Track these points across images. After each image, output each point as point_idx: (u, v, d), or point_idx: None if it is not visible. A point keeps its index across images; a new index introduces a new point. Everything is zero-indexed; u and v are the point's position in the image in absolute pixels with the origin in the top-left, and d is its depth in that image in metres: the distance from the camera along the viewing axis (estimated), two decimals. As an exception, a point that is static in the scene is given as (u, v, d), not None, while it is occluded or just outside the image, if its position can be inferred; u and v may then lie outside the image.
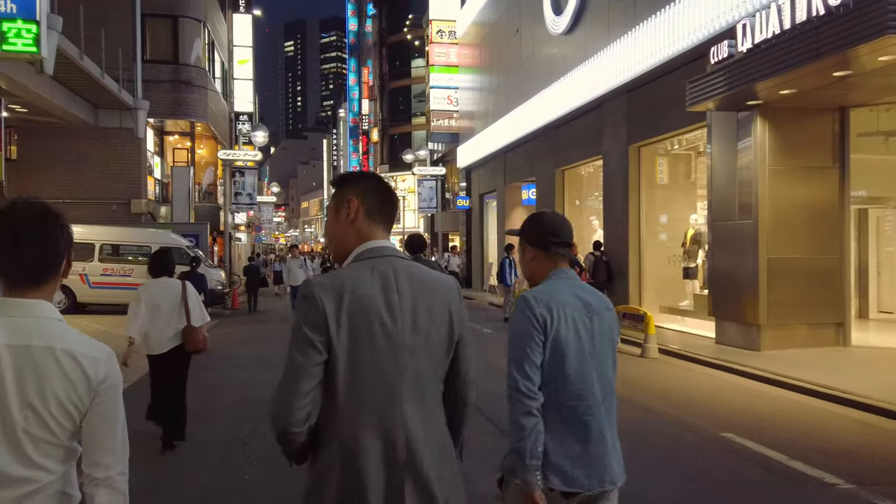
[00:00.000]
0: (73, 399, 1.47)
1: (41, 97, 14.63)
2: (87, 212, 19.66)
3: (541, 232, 2.25)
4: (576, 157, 16.32)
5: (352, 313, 1.66)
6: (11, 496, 1.43)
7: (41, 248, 1.52)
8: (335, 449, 1.68)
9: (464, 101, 27.00)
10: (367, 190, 1.81)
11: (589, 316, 2.18)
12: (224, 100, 26.74)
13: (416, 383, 1.72)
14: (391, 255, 1.76)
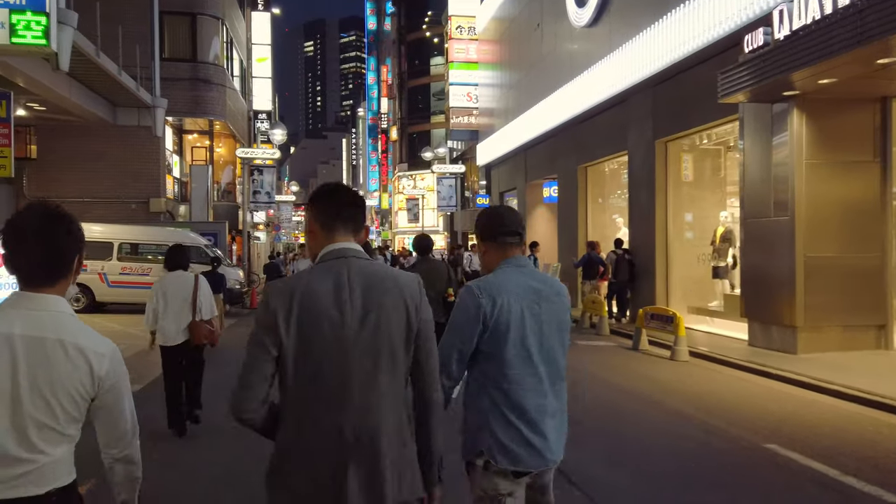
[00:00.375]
0: (79, 389, 1.63)
1: (59, 95, 14.56)
2: (106, 211, 19.66)
3: (487, 225, 2.40)
4: (599, 153, 15.90)
5: (301, 312, 1.81)
6: (10, 474, 1.58)
7: (52, 247, 1.67)
8: (290, 434, 1.85)
9: (483, 97, 26.65)
10: (317, 204, 1.97)
11: (538, 302, 2.30)
12: (243, 98, 26.66)
13: (366, 374, 1.83)
14: (348, 255, 1.90)
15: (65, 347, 1.63)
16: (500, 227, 2.38)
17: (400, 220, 51.95)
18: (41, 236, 1.66)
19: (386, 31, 58.08)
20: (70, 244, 1.71)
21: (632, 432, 5.90)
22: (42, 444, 1.61)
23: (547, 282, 2.39)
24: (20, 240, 1.66)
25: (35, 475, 1.61)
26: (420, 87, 49.61)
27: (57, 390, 1.61)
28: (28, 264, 1.67)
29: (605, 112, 15.11)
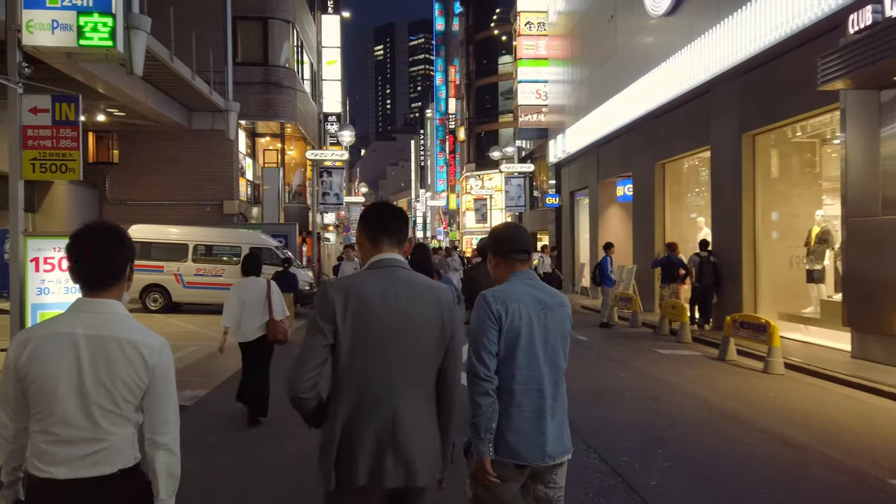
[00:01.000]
0: (134, 379, 1.89)
1: (136, 100, 14.95)
2: (182, 213, 20.19)
3: (499, 242, 2.66)
4: (678, 148, 15.02)
5: (355, 309, 2.08)
6: (86, 451, 1.87)
7: (107, 260, 1.94)
8: (339, 419, 2.11)
9: (553, 94, 25.95)
10: (365, 221, 2.27)
11: (543, 312, 2.53)
12: (313, 101, 26.96)
13: (406, 370, 2.11)
14: (393, 265, 2.19)
15: (120, 343, 1.90)
16: (509, 245, 2.64)
17: (468, 221, 51.68)
18: (99, 249, 1.94)
19: (454, 31, 57.98)
20: (123, 255, 1.98)
21: (725, 458, 5.27)
22: (107, 425, 1.88)
23: (551, 293, 2.63)
24: (82, 252, 1.94)
25: (105, 454, 1.88)
26: (488, 87, 49.19)
27: (115, 380, 1.88)
28: (89, 273, 1.95)
29: (685, 105, 14.25)
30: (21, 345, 1.93)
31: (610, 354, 10.25)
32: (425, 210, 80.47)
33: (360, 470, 2.10)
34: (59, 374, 1.88)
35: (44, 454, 1.89)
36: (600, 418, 6.32)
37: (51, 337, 1.91)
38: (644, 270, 16.59)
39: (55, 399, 1.88)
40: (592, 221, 21.52)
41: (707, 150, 13.87)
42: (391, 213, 2.30)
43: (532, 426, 2.49)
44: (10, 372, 1.92)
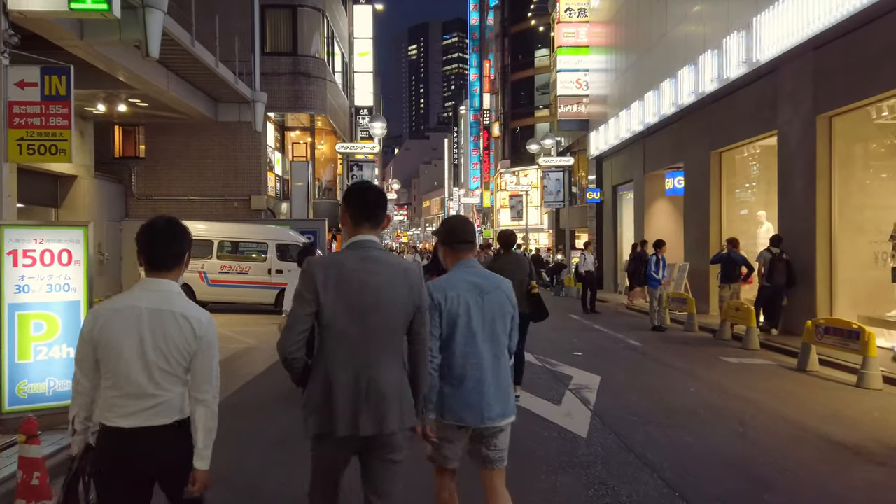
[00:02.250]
0: (185, 345, 2.36)
1: (158, 88, 14.25)
2: (209, 208, 19.55)
3: (447, 234, 3.05)
4: (738, 135, 13.70)
5: (336, 282, 2.45)
6: (147, 405, 2.32)
7: (170, 247, 2.43)
8: (320, 376, 2.49)
9: (595, 84, 24.66)
10: (349, 204, 2.59)
11: (480, 295, 2.91)
12: (344, 94, 26.18)
13: (378, 334, 2.48)
14: (369, 246, 2.54)
15: (175, 316, 2.35)
16: (456, 237, 3.02)
17: (502, 218, 50.48)
18: (166, 237, 2.43)
19: (489, 26, 56.86)
20: (185, 243, 2.48)
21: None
22: (164, 383, 2.34)
23: (488, 278, 2.97)
24: (151, 240, 2.41)
25: (162, 408, 2.33)
26: (523, 81, 47.93)
27: (170, 345, 2.34)
28: (155, 257, 2.41)
29: (747, 87, 12.95)
30: (94, 318, 2.36)
31: (670, 363, 9.09)
32: (458, 208, 79.44)
33: (341, 422, 2.42)
34: (125, 341, 2.30)
35: (113, 407, 2.31)
36: (677, 446, 5.22)
37: (119, 311, 2.34)
38: (697, 269, 15.32)
39: (122, 361, 2.31)
40: (637, 217, 20.23)
41: (772, 137, 12.57)
42: (374, 198, 2.58)
43: (473, 394, 2.82)
44: (85, 340, 2.35)
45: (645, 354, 9.77)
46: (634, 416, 6.04)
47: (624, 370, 8.43)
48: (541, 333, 12.03)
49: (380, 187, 2.70)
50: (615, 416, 6.08)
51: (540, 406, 6.41)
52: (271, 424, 5.88)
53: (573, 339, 11.23)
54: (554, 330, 12.61)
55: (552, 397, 6.80)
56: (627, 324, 13.80)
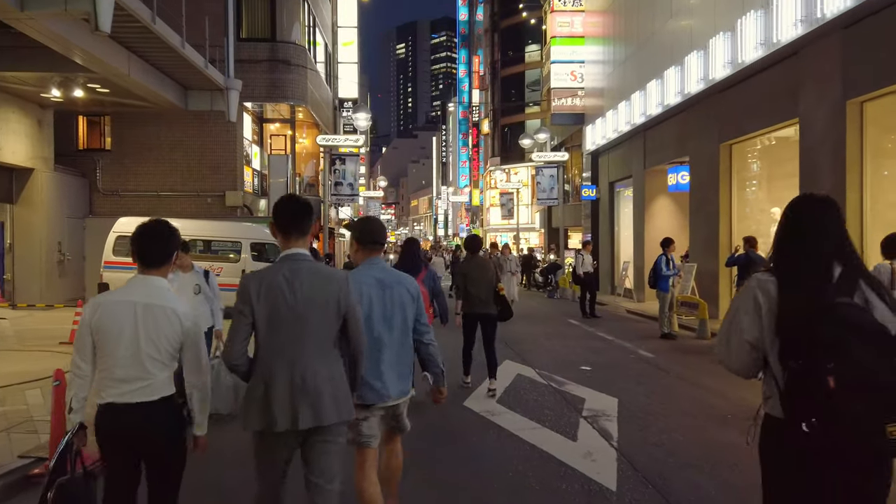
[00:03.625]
0: (172, 337, 2.73)
1: (117, 71, 12.94)
2: (181, 205, 18.23)
3: (364, 234, 3.31)
4: (752, 125, 12.61)
5: (266, 293, 2.71)
6: (137, 386, 2.68)
7: (159, 247, 2.81)
8: (260, 375, 2.74)
9: (590, 76, 23.58)
10: (277, 214, 2.86)
11: (382, 289, 3.20)
12: (328, 86, 24.89)
13: (309, 338, 2.73)
14: (299, 259, 2.80)
15: (165, 311, 2.71)
16: (371, 237, 3.31)
17: (492, 217, 49.36)
18: (155, 242, 2.82)
19: (478, 21, 55.74)
20: (173, 243, 2.86)
21: None
22: (153, 369, 2.70)
23: (391, 274, 3.29)
24: (145, 240, 2.80)
25: (149, 388, 2.70)
26: (513, 77, 46.83)
27: (160, 337, 2.70)
28: (147, 255, 2.79)
29: (764, 73, 11.88)
30: (94, 307, 2.74)
31: (693, 379, 7.95)
32: (447, 207, 78.27)
33: (279, 418, 2.67)
34: (121, 330, 2.69)
35: (106, 388, 2.72)
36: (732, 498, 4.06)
37: (116, 303, 2.73)
38: (705, 270, 14.24)
39: (118, 349, 2.70)
40: (637, 215, 19.15)
41: (792, 126, 11.51)
42: (298, 209, 2.85)
43: (374, 377, 3.14)
44: (85, 327, 2.74)
45: (662, 368, 8.64)
46: (670, 457, 4.88)
47: (643, 389, 7.28)
48: (540, 342, 10.89)
49: (304, 198, 2.93)
50: (646, 456, 4.92)
51: (553, 443, 5.24)
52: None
53: (577, 350, 10.07)
54: (554, 338, 11.49)
55: (566, 429, 5.62)
56: (633, 330, 12.67)
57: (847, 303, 1.99)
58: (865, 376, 1.87)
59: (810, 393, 1.90)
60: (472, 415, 6.13)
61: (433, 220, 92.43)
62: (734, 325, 2.19)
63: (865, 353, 1.89)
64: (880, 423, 1.83)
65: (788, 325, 2.02)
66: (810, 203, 2.23)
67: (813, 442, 1.87)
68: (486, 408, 6.34)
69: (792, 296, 2.05)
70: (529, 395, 6.86)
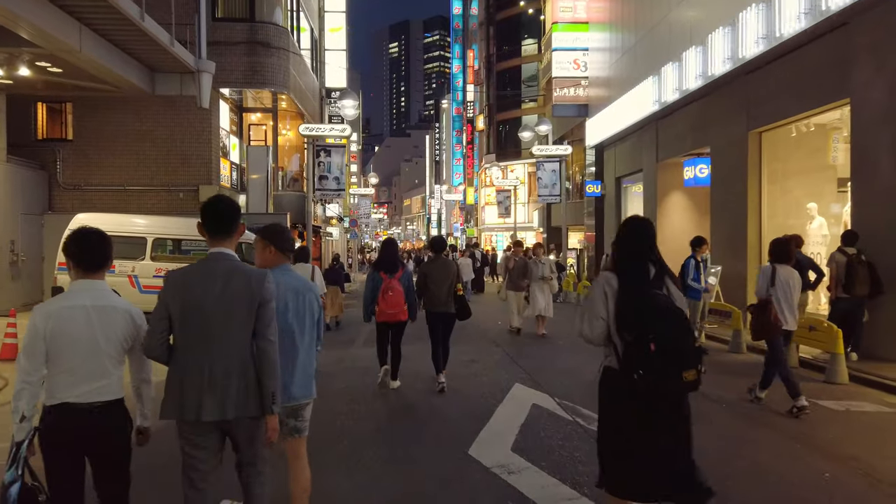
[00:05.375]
0: (128, 335, 2.87)
1: (67, 46, 11.32)
2: (150, 200, 16.62)
3: (282, 240, 3.53)
4: (790, 108, 11.10)
5: (181, 292, 2.84)
6: (95, 386, 2.78)
7: (97, 252, 2.88)
8: (175, 370, 2.88)
9: (595, 64, 22.09)
10: (204, 215, 2.96)
11: (296, 294, 3.43)
12: (314, 75, 23.29)
13: (221, 334, 2.83)
14: (219, 258, 2.91)
15: (118, 311, 2.85)
16: (287, 243, 3.55)
17: (487, 216, 47.83)
18: (93, 247, 2.88)
19: (472, 16, 54.22)
20: (108, 247, 2.92)
21: None
22: (111, 368, 2.82)
23: (302, 280, 3.53)
24: (79, 248, 2.87)
25: (110, 387, 2.81)
26: (509, 71, 45.35)
27: (118, 336, 2.83)
28: (85, 261, 2.87)
29: (804, 48, 10.41)
30: (45, 317, 2.77)
31: (746, 410, 6.44)
32: (440, 206, 76.66)
33: (188, 408, 2.83)
34: (79, 334, 2.77)
35: (62, 389, 2.76)
36: None
37: (67, 309, 2.79)
38: (730, 272, 12.75)
39: (76, 351, 2.77)
40: (648, 212, 17.64)
41: (839, 108, 10.04)
42: (223, 210, 2.95)
43: (286, 373, 3.29)
44: (38, 336, 2.74)
45: (710, 397, 7.09)
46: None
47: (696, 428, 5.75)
48: (550, 358, 9.34)
49: (231, 199, 2.99)
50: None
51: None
52: None
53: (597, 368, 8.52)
54: (565, 351, 9.96)
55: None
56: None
57: (658, 293, 3.07)
58: (671, 341, 2.90)
59: (639, 354, 2.90)
60: (479, 472, 4.59)
61: (426, 219, 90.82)
62: (592, 308, 3.14)
63: (670, 326, 2.94)
64: (679, 371, 2.89)
65: (623, 308, 3.03)
66: (636, 222, 3.27)
67: (639, 385, 2.90)
68: (498, 460, 4.79)
69: (625, 288, 3.08)
70: (553, 438, 5.32)
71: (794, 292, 6.38)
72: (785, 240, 6.71)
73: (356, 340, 11.68)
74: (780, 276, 6.35)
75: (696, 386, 2.91)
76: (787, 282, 6.34)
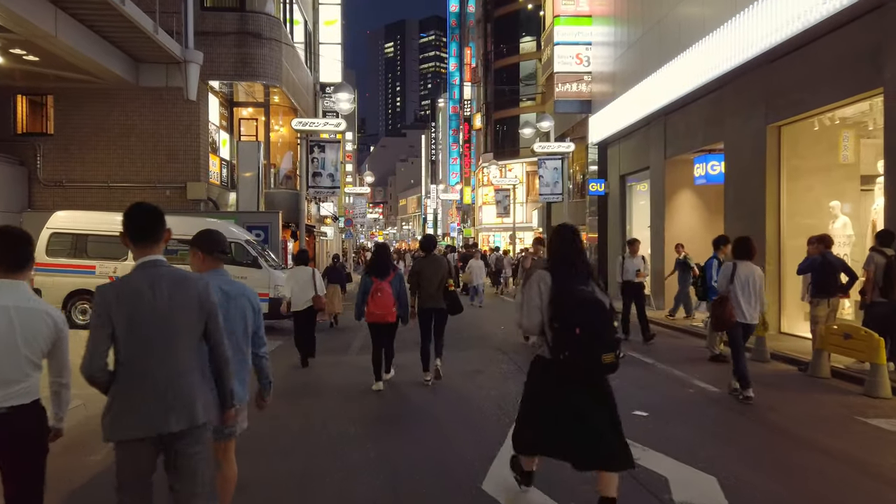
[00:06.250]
0: (47, 337, 2.78)
1: (42, 32, 10.57)
2: (135, 197, 15.55)
3: (209, 243, 3.38)
4: (815, 99, 10.41)
5: (126, 300, 2.66)
6: (15, 389, 2.71)
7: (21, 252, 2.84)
8: (122, 384, 2.68)
9: (598, 59, 21.40)
10: (127, 224, 2.78)
11: (227, 299, 3.30)
12: (308, 69, 22.54)
13: (173, 342, 2.72)
14: (158, 265, 2.77)
15: (40, 314, 2.77)
16: (217, 246, 3.40)
17: (485, 216, 47.12)
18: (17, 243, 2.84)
19: (469, 14, 53.54)
20: (32, 247, 2.90)
21: None
22: (30, 370, 2.75)
23: (234, 285, 3.41)
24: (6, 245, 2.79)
25: (27, 391, 2.74)
26: (507, 69, 44.66)
27: (38, 338, 2.76)
28: (10, 260, 2.79)
29: (830, 35, 9.73)
30: None
31: (793, 430, 5.73)
32: (436, 206, 75.90)
33: (152, 423, 2.64)
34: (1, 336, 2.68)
35: None
36: None
37: None
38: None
39: None
40: (656, 211, 16.95)
41: (869, 99, 9.37)
42: (150, 217, 2.79)
43: None
44: None
45: (741, 412, 6.39)
46: None
47: (735, 452, 5.05)
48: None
49: (152, 205, 2.84)
50: None
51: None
52: None
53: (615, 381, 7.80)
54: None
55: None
56: (670, 349, 10.44)
57: (582, 288, 3.59)
58: (593, 328, 3.47)
59: (566, 337, 3.46)
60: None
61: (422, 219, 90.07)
62: (530, 302, 3.64)
63: (593, 315, 3.50)
64: (599, 354, 3.46)
65: (556, 300, 3.56)
66: (565, 231, 3.80)
67: (565, 363, 3.48)
68: (517, 499, 4.07)
69: (557, 284, 3.60)
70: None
71: (754, 288, 6.75)
72: (746, 238, 7.12)
73: (351, 345, 10.99)
74: (740, 273, 6.75)
75: (613, 368, 3.51)
76: (747, 278, 6.73)
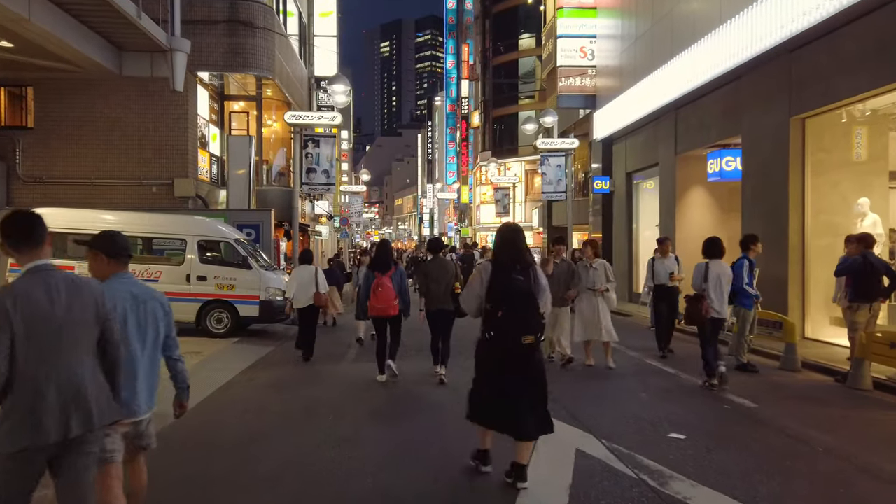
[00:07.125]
0: None
1: (12, 15, 9.77)
2: (120, 194, 15.08)
3: (114, 244, 3.20)
4: (847, 88, 9.68)
5: (23, 306, 2.55)
6: None
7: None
8: (20, 390, 2.56)
9: (603, 53, 20.70)
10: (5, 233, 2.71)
11: (136, 303, 3.17)
12: (303, 63, 21.77)
13: (73, 346, 2.66)
14: (49, 269, 2.69)
15: None
16: (122, 249, 3.21)
17: (483, 215, 46.40)
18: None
19: (467, 10, 52.81)
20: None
21: None
22: None
23: (143, 288, 3.25)
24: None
25: None
26: (505, 66, 43.93)
27: None
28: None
29: (865, 17, 9.03)
30: None
31: (851, 454, 5.01)
32: (433, 206, 75.13)
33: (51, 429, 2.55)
34: None
35: None
36: None
37: None
38: (768, 276, 11.33)
39: None
40: (666, 209, 16.25)
41: (907, 87, 8.67)
42: (28, 221, 2.72)
43: (128, 390, 3.05)
44: None
45: (786, 432, 5.66)
46: None
47: (803, 487, 4.33)
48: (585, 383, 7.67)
49: (28, 210, 2.81)
50: None
51: None
52: None
53: (643, 396, 7.06)
54: (598, 376, 8.26)
55: None
56: (694, 358, 9.66)
57: (516, 278, 4.27)
58: (516, 311, 4.20)
59: (492, 319, 4.22)
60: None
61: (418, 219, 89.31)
62: (472, 288, 4.41)
63: (519, 302, 4.22)
64: (520, 335, 4.17)
65: (490, 287, 4.31)
66: (508, 230, 4.55)
67: (492, 342, 4.23)
68: None
69: (493, 275, 4.33)
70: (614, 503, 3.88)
71: (724, 285, 7.43)
72: (716, 238, 7.71)
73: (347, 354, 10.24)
74: (712, 271, 7.42)
75: (534, 348, 4.23)
76: (719, 276, 7.41)
